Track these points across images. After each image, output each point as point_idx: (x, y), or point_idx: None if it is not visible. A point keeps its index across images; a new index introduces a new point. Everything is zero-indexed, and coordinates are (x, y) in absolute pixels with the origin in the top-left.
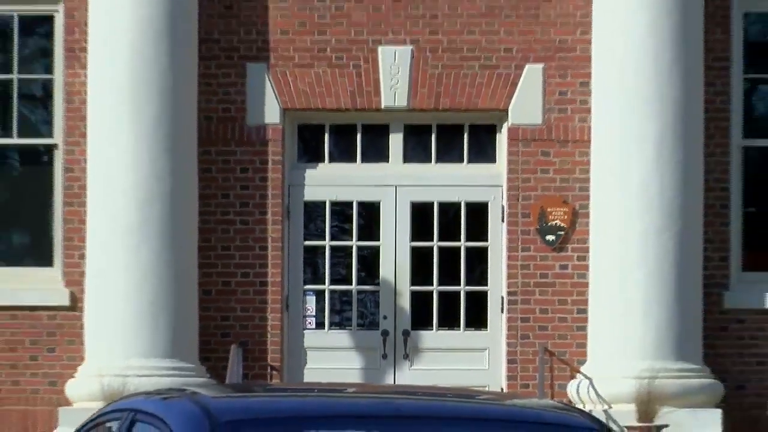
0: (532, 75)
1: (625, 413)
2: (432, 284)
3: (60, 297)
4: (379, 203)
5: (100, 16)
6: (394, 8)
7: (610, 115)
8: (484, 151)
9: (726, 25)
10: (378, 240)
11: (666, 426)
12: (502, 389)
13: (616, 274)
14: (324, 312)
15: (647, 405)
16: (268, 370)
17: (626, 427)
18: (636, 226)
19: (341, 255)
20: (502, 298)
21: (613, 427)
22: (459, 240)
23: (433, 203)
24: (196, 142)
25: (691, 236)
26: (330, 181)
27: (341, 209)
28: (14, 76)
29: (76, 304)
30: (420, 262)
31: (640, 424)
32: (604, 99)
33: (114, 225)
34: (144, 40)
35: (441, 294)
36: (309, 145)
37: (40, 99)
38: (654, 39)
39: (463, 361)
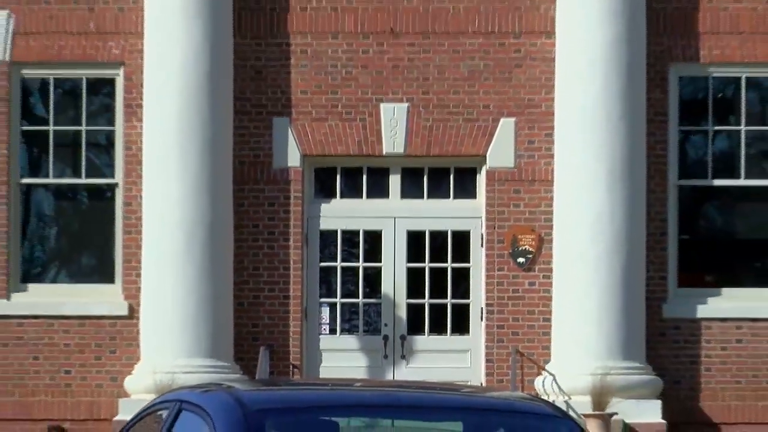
0: (505, 127)
1: (582, 403)
2: (424, 297)
3: (120, 308)
4: (380, 232)
5: (153, 79)
6: (393, 73)
7: (569, 159)
8: (466, 189)
9: (664, 87)
10: (380, 261)
11: (615, 414)
12: (481, 384)
13: (574, 289)
14: (336, 320)
15: (600, 397)
16: (291, 368)
17: (583, 414)
18: (591, 250)
19: (350, 274)
20: (482, 309)
21: (572, 414)
22: (446, 261)
23: (425, 231)
24: (232, 181)
25: (635, 259)
26: (341, 213)
27: (350, 237)
28: (83, 127)
29: (133, 314)
30: (414, 280)
31: (594, 412)
32: (564, 146)
33: (164, 249)
34: (189, 98)
35: (431, 306)
36: (324, 184)
37: (103, 146)
38: (606, 98)
39: (449, 361)
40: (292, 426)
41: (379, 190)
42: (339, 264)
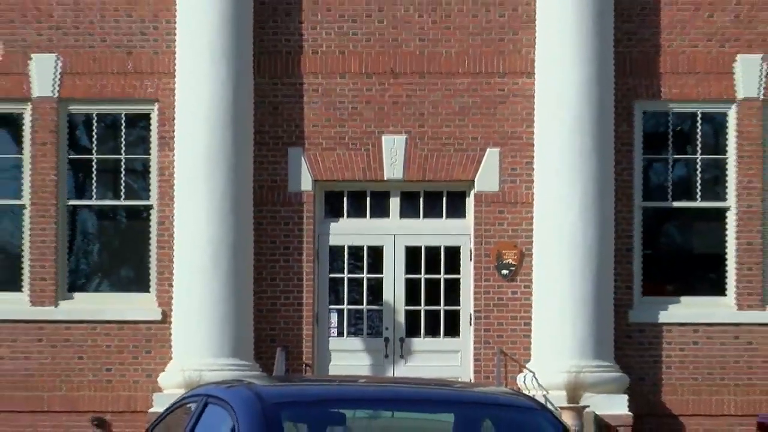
0: (491, 156)
1: (558, 397)
2: (420, 304)
3: (154, 314)
4: (382, 247)
5: (183, 114)
6: (393, 109)
7: (547, 184)
8: (457, 210)
9: (630, 121)
10: (381, 273)
11: (587, 406)
12: (470, 380)
13: (551, 298)
14: (343, 324)
15: (574, 391)
16: (304, 366)
17: (559, 407)
18: (566, 264)
19: (355, 284)
20: (470, 315)
21: (549, 407)
22: (439, 273)
23: (421, 247)
24: (252, 203)
25: (605, 271)
26: (347, 231)
27: (355, 251)
28: (122, 156)
29: (165, 319)
30: (411, 289)
31: (569, 405)
32: (542, 173)
33: (193, 263)
34: (215, 131)
35: (426, 312)
36: (332, 206)
37: (140, 172)
38: (579, 131)
39: (442, 360)
40: (304, 417)
41: (381, 210)
42: (346, 275)
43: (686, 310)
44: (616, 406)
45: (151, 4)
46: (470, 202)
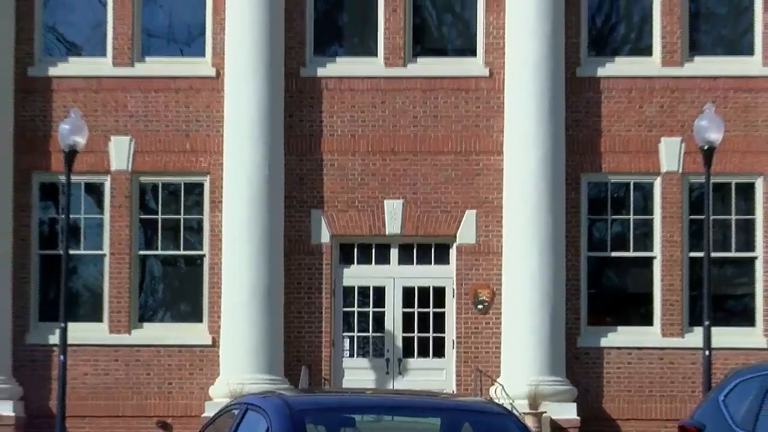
0: (469, 217)
1: (522, 405)
2: (414, 332)
3: (206, 340)
4: (384, 287)
5: (229, 183)
6: (393, 180)
7: (513, 239)
8: (442, 258)
9: (577, 189)
10: (383, 308)
11: (545, 412)
12: (453, 392)
13: (516, 327)
14: (354, 348)
15: (534, 400)
16: (323, 381)
17: (522, 413)
18: (527, 301)
19: (363, 316)
20: (453, 340)
21: (515, 412)
22: (428, 308)
23: (414, 287)
24: (282, 253)
25: (558, 306)
26: (357, 275)
27: (363, 291)
28: (181, 216)
29: (215, 343)
30: (407, 320)
31: (530, 411)
32: (509, 230)
33: (237, 299)
34: (254, 196)
35: (419, 338)
36: (345, 255)
37: (195, 229)
38: (537, 197)
39: (431, 376)
40: (323, 421)
41: (383, 258)
42: (355, 309)
43: (622, 337)
44: (567, 412)
45: (204, 98)
46: (453, 252)
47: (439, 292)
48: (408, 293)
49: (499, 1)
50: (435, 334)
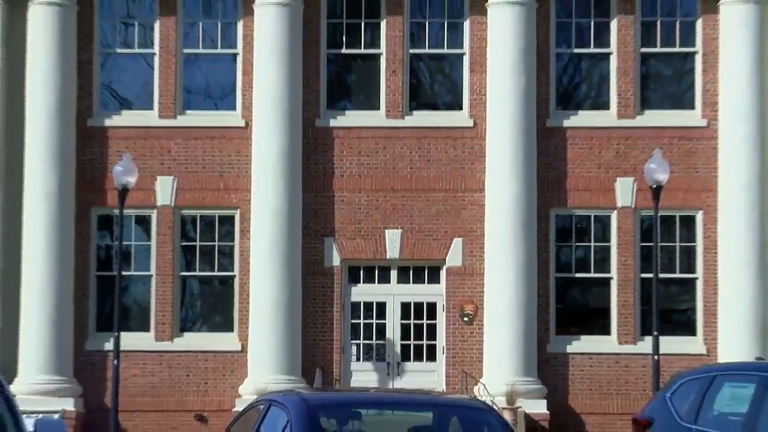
0: (456, 244)
1: (501, 401)
2: (410, 340)
3: (236, 347)
4: (385, 303)
5: (256, 216)
6: (393, 213)
7: (492, 262)
8: (434, 278)
9: (547, 220)
10: (385, 320)
11: (520, 407)
12: (443, 390)
13: (496, 336)
14: (360, 353)
15: (511, 397)
16: (334, 381)
17: (501, 407)
18: (505, 314)
19: (368, 327)
20: (443, 347)
21: (495, 408)
22: (422, 320)
23: (410, 302)
24: (300, 274)
25: (531, 319)
26: (363, 292)
27: (368, 305)
28: (216, 243)
29: (243, 350)
30: (405, 330)
31: (508, 406)
32: (490, 255)
33: (262, 312)
34: (276, 227)
35: (414, 345)
36: (353, 275)
37: (228, 254)
38: (515, 228)
39: (424, 377)
40: (334, 414)
41: (384, 278)
42: (361, 321)
43: (584, 344)
44: (539, 408)
45: (235, 144)
46: (443, 274)
47: (431, 307)
48: (405, 308)
49: (482, 64)
50: (428, 342)
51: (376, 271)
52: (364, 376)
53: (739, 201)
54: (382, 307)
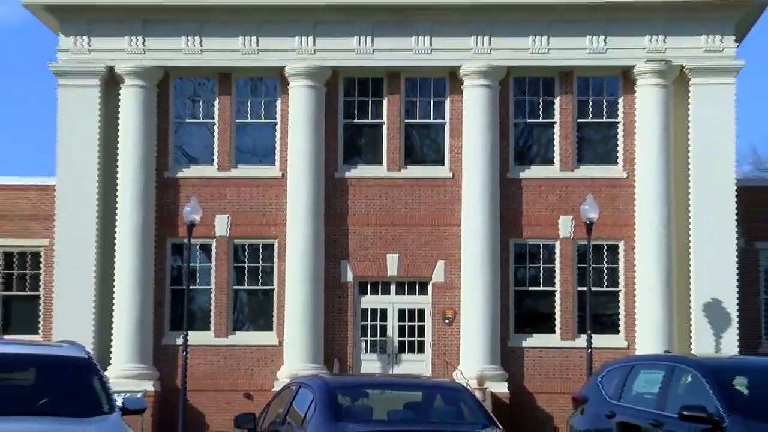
0: (440, 265)
1: (473, 383)
2: (405, 337)
3: (275, 342)
4: (386, 309)
5: (291, 245)
6: (392, 242)
7: (467, 279)
8: (423, 291)
9: (508, 250)
10: (386, 322)
11: (487, 388)
12: (430, 376)
13: (470, 334)
14: (368, 347)
15: (481, 381)
16: (348, 368)
17: (473, 388)
18: (477, 318)
19: (374, 328)
20: (429, 342)
21: (468, 388)
22: (414, 322)
23: (406, 309)
24: (323, 288)
25: (495, 321)
26: (370, 301)
27: (373, 311)
28: (260, 264)
29: (280, 344)
30: (401, 330)
31: (478, 387)
32: (465, 273)
33: (294, 317)
34: (306, 252)
35: (408, 341)
36: (362, 289)
37: (268, 272)
38: (482, 253)
39: (416, 366)
40: (348, 393)
41: (386, 291)
42: (369, 323)
43: (536, 340)
44: (502, 388)
45: (274, 191)
46: (430, 287)
47: (421, 312)
48: (401, 313)
49: (459, 131)
50: (418, 339)
51: (380, 286)
52: (370, 364)
53: (650, 234)
54: (384, 312)
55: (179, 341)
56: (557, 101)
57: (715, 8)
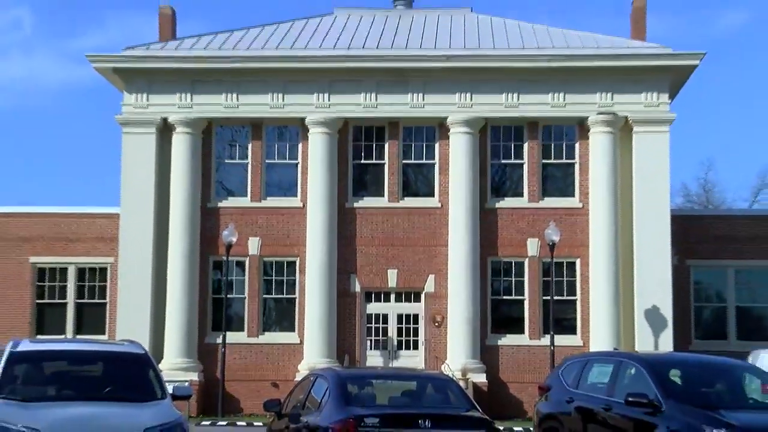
0: (431, 278)
1: (458, 375)
2: (403, 337)
3: (296, 340)
4: (387, 314)
5: (310, 262)
6: (392, 259)
7: (454, 289)
8: (417, 299)
9: (486, 265)
10: (387, 324)
11: (469, 378)
12: (422, 369)
13: (455, 334)
14: (372, 345)
15: (464, 373)
16: (356, 362)
17: (458, 378)
18: (462, 321)
19: (377, 329)
20: (422, 341)
21: (454, 378)
22: (410, 324)
23: (403, 314)
24: (336, 296)
25: (476, 323)
26: (374, 308)
27: (377, 316)
28: (284, 277)
29: (301, 342)
30: (399, 331)
31: (462, 378)
32: (452, 284)
33: (313, 320)
34: (323, 267)
35: (405, 340)
36: (368, 297)
37: (291, 284)
38: (465, 268)
39: (412, 360)
40: (356, 383)
41: (387, 299)
42: (373, 325)
43: (509, 340)
44: (481, 378)
45: (296, 218)
46: (423, 296)
47: (415, 317)
48: (400, 317)
49: (446, 169)
50: (413, 338)
51: (382, 295)
52: (373, 359)
53: (602, 253)
54: (385, 317)
55: (218, 340)
56: (525, 146)
57: (652, 71)
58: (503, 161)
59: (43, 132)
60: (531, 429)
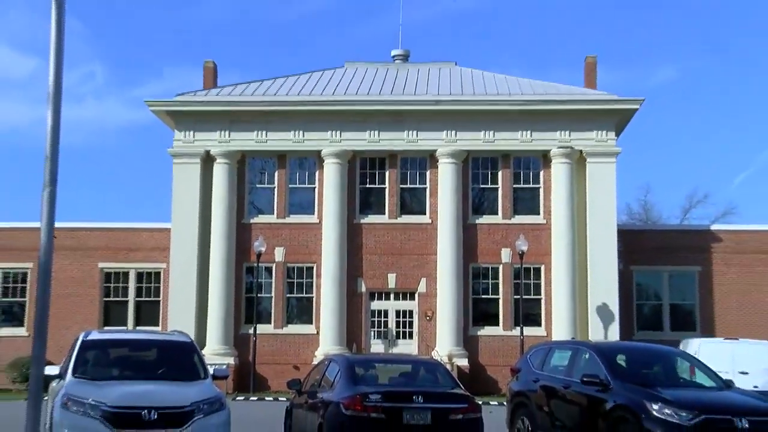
0: (423, 281)
1: (445, 359)
2: (401, 329)
3: (313, 332)
4: (388, 310)
5: (325, 268)
6: (391, 265)
7: (442, 290)
8: (412, 298)
9: (467, 270)
10: (387, 318)
11: (454, 362)
12: (416, 355)
13: (443, 326)
14: (375, 336)
15: (450, 358)
16: (362, 350)
17: (445, 363)
18: (449, 315)
19: (379, 322)
20: (416, 332)
21: (442, 362)
22: (406, 319)
23: (401, 310)
24: (346, 297)
25: (461, 318)
26: (377, 305)
27: (379, 311)
28: (303, 280)
29: (318, 332)
30: (397, 324)
31: (448, 362)
32: (440, 287)
33: (327, 314)
34: (334, 272)
35: (402, 331)
36: (372, 296)
37: (310, 285)
38: (453, 277)
39: (408, 348)
40: (362, 366)
41: (387, 298)
42: (376, 319)
43: (486, 331)
44: (464, 363)
45: (313, 232)
46: (417, 296)
47: (411, 312)
48: (398, 312)
49: (435, 192)
50: (408, 330)
51: (383, 295)
52: (376, 347)
53: (562, 260)
54: (386, 312)
55: (251, 331)
56: (500, 173)
57: (602, 114)
58: (482, 186)
59: (110, 162)
60: (504, 403)
